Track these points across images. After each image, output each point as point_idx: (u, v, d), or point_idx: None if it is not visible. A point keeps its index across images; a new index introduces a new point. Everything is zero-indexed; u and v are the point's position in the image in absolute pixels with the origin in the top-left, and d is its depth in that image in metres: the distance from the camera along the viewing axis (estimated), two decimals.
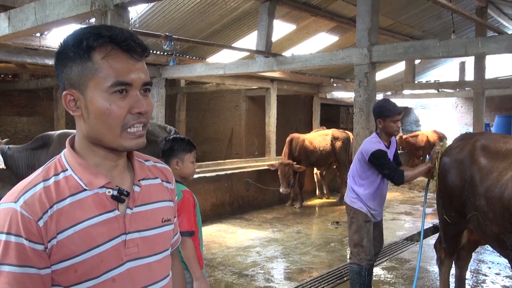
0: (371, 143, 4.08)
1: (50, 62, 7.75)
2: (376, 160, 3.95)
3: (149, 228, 1.22)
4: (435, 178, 3.99)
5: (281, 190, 9.13)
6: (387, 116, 4.01)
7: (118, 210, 1.18)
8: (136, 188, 1.23)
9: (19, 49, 7.43)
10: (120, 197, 1.18)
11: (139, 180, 1.25)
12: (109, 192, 1.17)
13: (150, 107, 1.19)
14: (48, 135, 5.08)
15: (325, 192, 10.86)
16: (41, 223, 1.08)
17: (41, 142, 5.02)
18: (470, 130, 16.16)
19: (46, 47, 7.45)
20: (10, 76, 13.33)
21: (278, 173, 9.16)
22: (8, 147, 4.96)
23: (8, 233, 1.06)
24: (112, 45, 1.13)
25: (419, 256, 4.25)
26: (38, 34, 7.25)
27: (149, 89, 1.20)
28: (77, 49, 1.13)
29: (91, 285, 1.11)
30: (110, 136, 1.15)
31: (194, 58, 10.51)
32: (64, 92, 1.17)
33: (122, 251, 1.16)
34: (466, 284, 4.42)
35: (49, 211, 1.09)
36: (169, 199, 1.34)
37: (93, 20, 4.27)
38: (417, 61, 14.50)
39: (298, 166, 9.26)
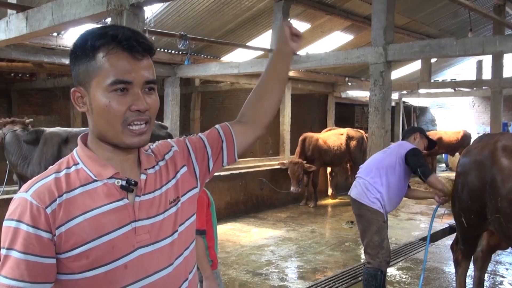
0: (402, 145, 4.23)
1: (67, 61, 7.81)
2: (414, 155, 4.07)
3: (159, 213, 1.25)
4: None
5: (291, 189, 9.10)
6: (424, 136, 4.39)
7: (128, 199, 1.21)
8: (143, 176, 1.26)
9: (37, 48, 7.52)
10: (129, 187, 1.21)
11: (145, 169, 1.28)
12: (118, 182, 1.21)
13: (153, 105, 1.21)
14: (42, 131, 5.14)
15: (329, 193, 10.74)
16: (49, 210, 1.12)
17: (35, 137, 5.09)
18: (488, 129, 15.94)
19: (63, 46, 7.52)
20: (27, 76, 13.51)
21: (288, 172, 9.13)
22: (9, 132, 5.04)
23: (18, 221, 1.10)
24: (114, 44, 1.16)
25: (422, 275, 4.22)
26: (55, 34, 7.33)
27: (153, 87, 1.22)
28: (83, 48, 1.18)
29: (103, 272, 1.14)
30: (112, 132, 1.18)
31: (208, 57, 10.53)
32: (72, 89, 1.23)
33: (133, 238, 1.18)
34: (484, 286, 4.36)
35: (57, 199, 1.13)
36: (172, 177, 1.32)
37: (109, 19, 4.30)
38: (433, 60, 14.34)
39: (309, 165, 9.19)
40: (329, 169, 10.73)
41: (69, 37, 7.70)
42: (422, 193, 4.56)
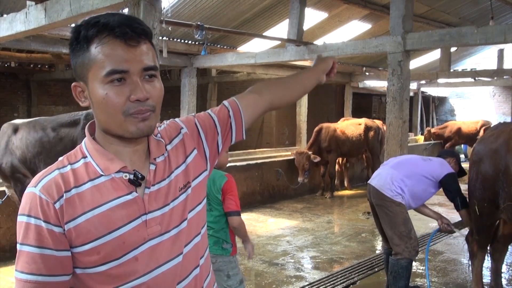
0: (444, 165, 4.16)
1: None
2: (452, 182, 4.06)
3: (168, 203, 1.22)
4: None
5: (298, 180, 9.08)
6: (458, 164, 4.36)
7: (136, 192, 1.18)
8: (152, 167, 1.22)
9: (55, 39, 7.61)
10: (137, 180, 1.18)
11: (154, 158, 1.24)
12: (125, 176, 1.18)
13: (155, 93, 1.16)
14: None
15: (345, 184, 10.67)
16: (57, 205, 1.11)
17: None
18: (508, 119, 15.68)
19: None
20: (46, 67, 13.68)
21: (295, 162, 9.10)
22: None
23: (28, 216, 1.11)
24: (107, 33, 1.10)
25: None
26: (73, 25, 7.39)
27: (154, 74, 1.16)
28: (78, 40, 1.13)
29: (114, 265, 1.14)
30: (114, 124, 1.14)
31: (225, 47, 10.51)
32: (72, 84, 1.19)
33: (144, 231, 1.17)
34: (501, 278, 4.32)
35: (65, 194, 1.12)
36: (182, 162, 1.29)
37: (126, 10, 4.32)
38: (453, 49, 14.11)
39: (314, 156, 9.10)
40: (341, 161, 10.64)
41: None
42: (428, 211, 4.41)
